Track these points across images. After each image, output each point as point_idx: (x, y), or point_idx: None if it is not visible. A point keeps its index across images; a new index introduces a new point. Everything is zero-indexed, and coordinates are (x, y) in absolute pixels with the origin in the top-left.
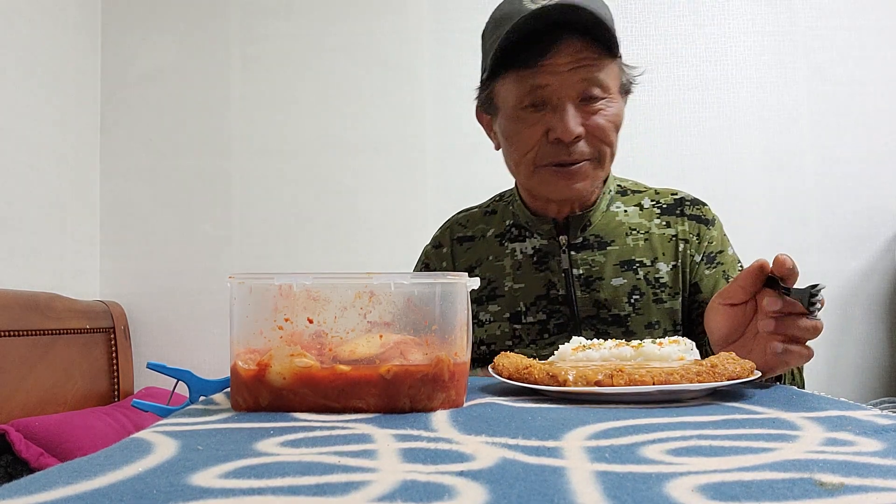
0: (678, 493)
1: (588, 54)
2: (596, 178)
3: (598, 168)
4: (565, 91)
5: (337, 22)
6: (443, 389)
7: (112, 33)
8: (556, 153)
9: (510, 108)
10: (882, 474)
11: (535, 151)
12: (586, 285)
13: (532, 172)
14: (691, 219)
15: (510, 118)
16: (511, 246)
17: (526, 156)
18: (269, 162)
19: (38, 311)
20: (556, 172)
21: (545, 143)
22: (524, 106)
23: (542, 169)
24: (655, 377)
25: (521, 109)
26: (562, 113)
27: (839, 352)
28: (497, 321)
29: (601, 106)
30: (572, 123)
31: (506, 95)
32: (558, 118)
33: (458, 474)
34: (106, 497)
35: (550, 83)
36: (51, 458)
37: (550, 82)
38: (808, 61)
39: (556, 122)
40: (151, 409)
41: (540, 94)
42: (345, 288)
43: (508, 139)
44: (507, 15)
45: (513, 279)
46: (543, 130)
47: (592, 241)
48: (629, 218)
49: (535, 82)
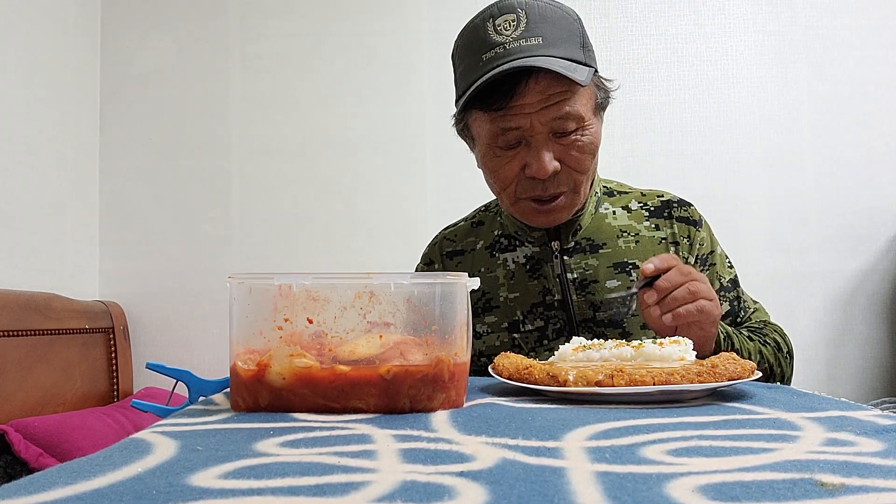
0: (678, 494)
1: (557, 89)
2: (574, 206)
3: (575, 197)
4: (537, 129)
5: (337, 22)
6: (443, 390)
7: (112, 33)
8: (533, 187)
9: (485, 144)
10: (883, 475)
11: (514, 186)
12: (581, 289)
13: (513, 203)
14: (680, 221)
15: (486, 154)
16: (502, 256)
17: (506, 189)
18: (269, 162)
19: (38, 312)
20: (535, 208)
21: (523, 178)
22: (498, 145)
23: (521, 202)
24: (656, 377)
25: (495, 147)
26: (536, 151)
27: (839, 352)
28: (495, 332)
29: (576, 138)
30: (546, 160)
31: (479, 131)
32: (533, 155)
33: (458, 475)
34: (105, 497)
35: (522, 124)
36: (50, 458)
37: (521, 124)
38: (808, 61)
39: (532, 159)
40: (151, 410)
41: (512, 134)
42: (345, 288)
43: (487, 171)
44: (474, 46)
45: (507, 289)
46: (520, 165)
47: (584, 244)
48: (618, 220)
49: (506, 125)
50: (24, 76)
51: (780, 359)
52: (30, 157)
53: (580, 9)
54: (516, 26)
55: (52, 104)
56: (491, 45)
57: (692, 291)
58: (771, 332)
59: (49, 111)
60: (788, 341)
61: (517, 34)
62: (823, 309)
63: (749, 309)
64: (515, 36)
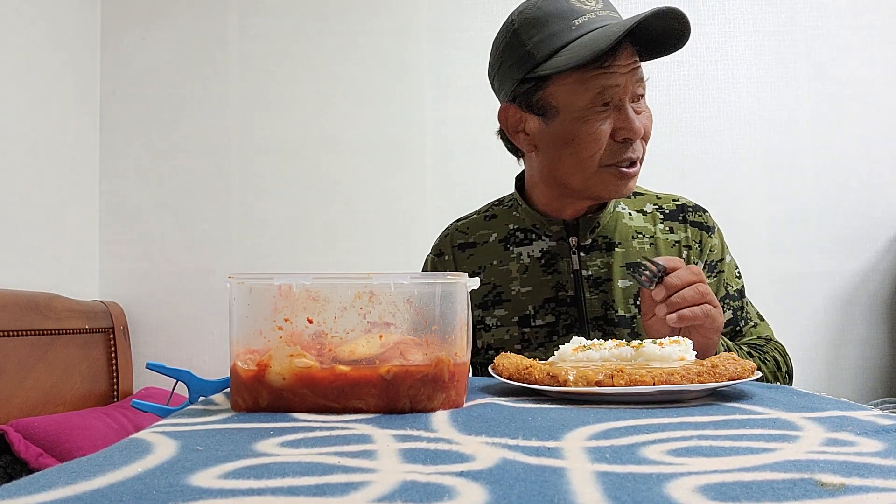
0: (678, 494)
1: (636, 57)
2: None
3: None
4: (628, 91)
5: (336, 21)
6: (443, 390)
7: (111, 33)
8: (621, 151)
9: (579, 108)
10: (883, 475)
11: (604, 150)
12: (595, 286)
13: (594, 173)
14: (693, 226)
15: (578, 119)
16: (517, 250)
17: (592, 157)
18: (269, 162)
19: (38, 312)
20: (622, 172)
21: (611, 143)
22: (595, 105)
23: (603, 169)
24: (656, 377)
25: (590, 109)
26: (625, 112)
27: (840, 352)
28: (505, 325)
29: (643, 107)
30: (637, 122)
31: (569, 96)
32: (624, 117)
33: (458, 475)
34: (105, 497)
35: (620, 83)
36: (50, 458)
37: (620, 82)
38: (809, 61)
39: (624, 121)
40: (151, 410)
41: (610, 92)
42: (345, 288)
43: (574, 139)
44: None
45: (519, 283)
46: (609, 130)
47: (601, 242)
48: (634, 221)
49: (607, 82)
50: (24, 76)
51: (779, 378)
52: (30, 157)
53: None
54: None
55: (52, 104)
56: (581, 13)
57: (701, 293)
58: (772, 351)
59: (49, 111)
60: (789, 361)
61: (599, 7)
62: (823, 309)
63: (750, 321)
64: (599, 8)
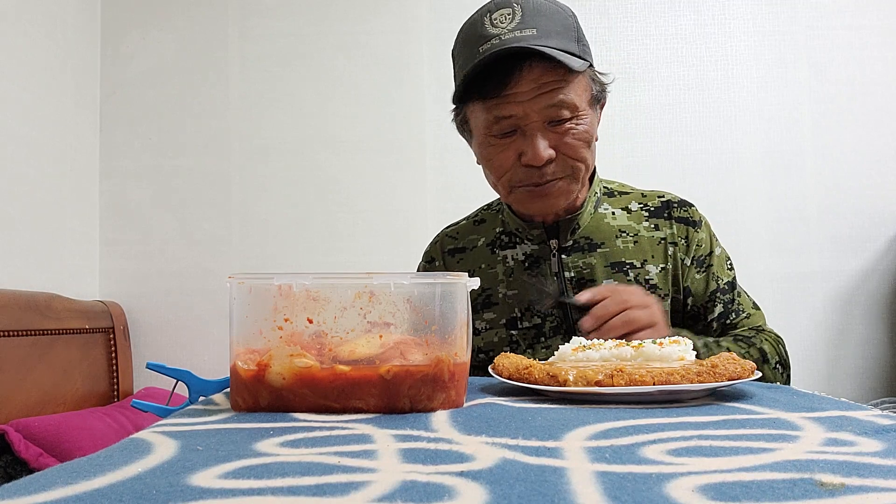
0: (678, 494)
1: (551, 77)
2: (571, 193)
3: (572, 183)
4: (532, 118)
5: (336, 21)
6: (443, 389)
7: (112, 33)
8: (528, 175)
9: (481, 134)
10: (883, 475)
11: (510, 175)
12: (578, 287)
13: (509, 193)
14: (679, 221)
15: (482, 144)
16: (502, 253)
17: (501, 179)
18: (269, 162)
19: (38, 312)
20: (530, 193)
21: (518, 166)
22: (493, 134)
23: (517, 190)
24: (656, 377)
25: (491, 136)
26: (531, 139)
27: (839, 352)
28: (494, 328)
29: (570, 126)
30: (541, 148)
31: (476, 122)
32: (528, 143)
33: (458, 475)
34: (105, 497)
35: (515, 112)
36: (50, 458)
37: (516, 111)
38: (808, 61)
39: (526, 147)
40: (151, 410)
41: (506, 122)
42: (345, 288)
43: (484, 162)
44: (471, 39)
45: (506, 286)
46: (516, 154)
47: (583, 243)
48: (617, 220)
49: (500, 113)
50: (24, 76)
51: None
52: (30, 157)
53: (580, 9)
54: (511, 19)
55: (52, 104)
56: (487, 38)
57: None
58: (760, 342)
59: (49, 111)
60: (782, 351)
61: (512, 26)
62: (823, 309)
63: (743, 313)
64: (510, 28)
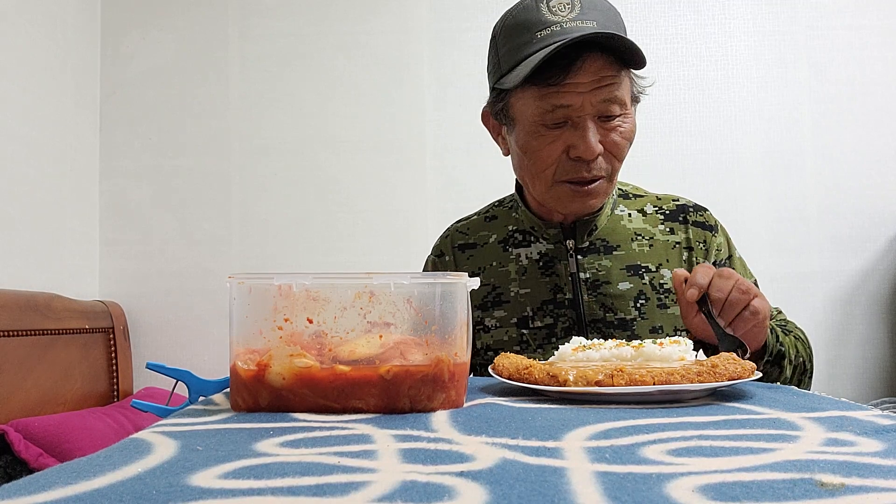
0: (678, 494)
1: (609, 72)
2: (607, 194)
3: (609, 184)
4: (587, 110)
5: (336, 21)
6: (443, 389)
7: (112, 33)
8: (575, 170)
9: (530, 122)
10: (883, 475)
11: (555, 168)
12: (593, 289)
13: (549, 188)
14: (695, 226)
15: (530, 133)
16: (516, 251)
17: (545, 171)
18: (269, 162)
19: (38, 312)
20: (573, 191)
21: (565, 160)
22: (545, 123)
23: (559, 185)
24: (656, 377)
25: (541, 125)
26: (583, 131)
27: (840, 352)
28: (504, 326)
29: (618, 123)
30: (594, 142)
31: (524, 109)
32: (580, 136)
33: (458, 475)
34: (105, 497)
35: (573, 103)
36: (50, 458)
37: (573, 102)
38: (808, 61)
39: (578, 139)
40: (151, 410)
41: (562, 112)
42: (345, 288)
43: (527, 153)
44: (526, 24)
45: (518, 284)
46: (564, 147)
47: (599, 245)
48: (633, 223)
49: (558, 101)
50: (24, 76)
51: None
52: (30, 157)
53: None
54: (571, 9)
55: (52, 104)
56: (546, 24)
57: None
58: (794, 329)
59: (49, 111)
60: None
61: (573, 15)
62: (823, 309)
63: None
64: (571, 17)
